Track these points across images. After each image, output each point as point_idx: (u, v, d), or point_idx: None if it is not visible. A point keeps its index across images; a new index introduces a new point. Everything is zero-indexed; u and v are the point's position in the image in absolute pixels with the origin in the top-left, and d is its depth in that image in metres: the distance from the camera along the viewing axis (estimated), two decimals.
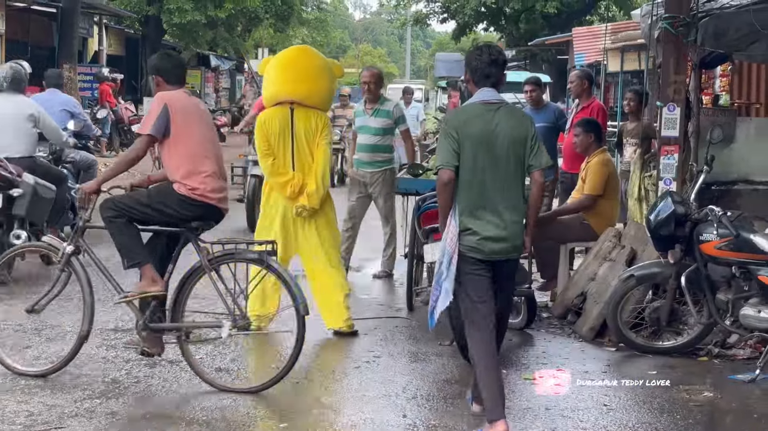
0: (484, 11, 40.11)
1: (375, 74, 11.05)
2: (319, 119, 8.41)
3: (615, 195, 10.07)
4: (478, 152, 6.04)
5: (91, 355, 7.51)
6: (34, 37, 30.78)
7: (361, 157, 11.04)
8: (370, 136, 10.96)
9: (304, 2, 46.26)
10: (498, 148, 6.05)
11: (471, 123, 6.11)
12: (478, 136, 6.05)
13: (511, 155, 6.08)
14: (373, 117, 10.95)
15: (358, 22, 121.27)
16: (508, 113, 6.21)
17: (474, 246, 6.05)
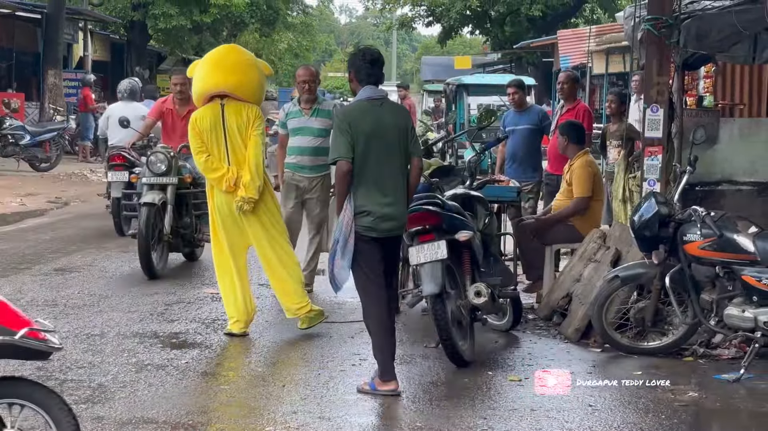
0: (469, 14, 40.15)
1: (314, 73, 10.22)
2: (250, 111, 8.49)
3: (600, 196, 10.11)
4: (371, 143, 6.89)
5: (77, 360, 7.50)
6: (19, 43, 30.69)
7: (299, 160, 10.05)
8: (311, 138, 10.00)
9: (290, 7, 46.20)
10: (388, 139, 6.95)
11: (362, 118, 6.96)
12: (369, 130, 6.91)
13: (398, 144, 6.99)
14: (314, 117, 10.00)
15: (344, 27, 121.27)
16: (391, 107, 7.25)
17: (369, 226, 6.90)
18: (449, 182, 9.13)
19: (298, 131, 10.08)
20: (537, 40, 34.02)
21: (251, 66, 8.64)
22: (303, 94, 10.09)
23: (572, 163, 10.02)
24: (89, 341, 8.10)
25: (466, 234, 7.75)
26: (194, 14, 36.07)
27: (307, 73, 10.10)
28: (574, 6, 38.86)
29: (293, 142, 10.10)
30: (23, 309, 8.89)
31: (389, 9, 45.96)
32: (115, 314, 9.11)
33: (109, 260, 11.98)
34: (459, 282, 7.84)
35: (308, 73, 10.13)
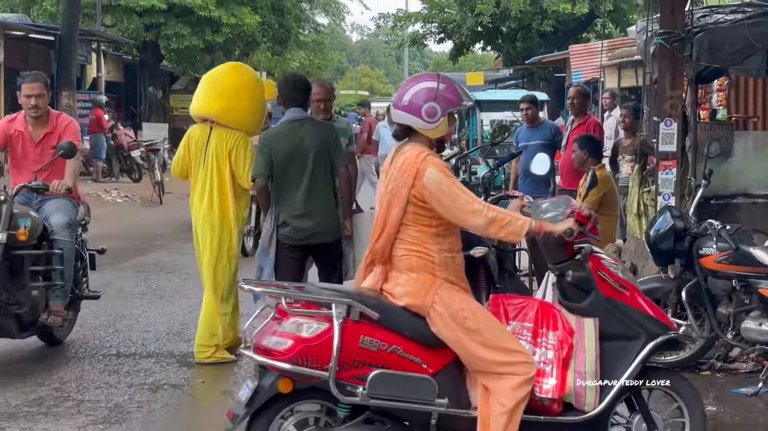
0: (481, 30, 40.20)
1: (329, 89, 9.03)
2: (233, 139, 8.30)
3: (614, 211, 10.08)
4: (288, 162, 7.56)
5: (93, 380, 7.52)
6: (33, 64, 30.76)
7: None
8: None
9: (301, 25, 46.35)
10: (306, 155, 7.57)
11: (280, 140, 7.65)
12: (286, 150, 7.57)
13: (316, 159, 7.59)
14: None
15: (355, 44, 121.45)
16: (313, 126, 7.79)
17: (288, 234, 7.56)
18: None
19: None
20: (549, 56, 34.03)
21: (242, 90, 8.40)
22: (318, 113, 8.79)
23: (587, 176, 10.01)
24: (106, 361, 8.11)
25: (481, 251, 7.74)
26: (206, 34, 36.22)
27: (323, 91, 8.88)
28: (585, 21, 38.88)
29: None
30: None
31: (401, 26, 46.08)
32: (132, 334, 9.13)
33: (124, 280, 12.01)
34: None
35: (323, 90, 8.90)
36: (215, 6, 35.66)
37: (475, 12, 37.86)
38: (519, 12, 36.91)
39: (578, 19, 37.82)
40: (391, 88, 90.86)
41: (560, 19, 37.45)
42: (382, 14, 46.84)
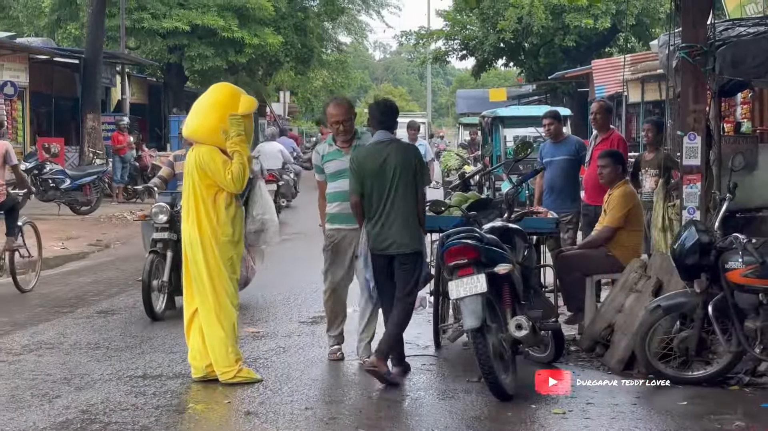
0: (503, 47, 40.24)
1: (347, 109, 8.89)
2: (202, 153, 8.29)
3: (638, 226, 10.04)
4: (373, 180, 8.19)
5: (120, 402, 7.53)
6: (58, 88, 31.12)
7: (344, 208, 8.72)
8: None
9: (324, 45, 46.53)
10: (387, 176, 8.16)
11: (366, 160, 8.28)
12: (371, 169, 8.21)
13: (398, 178, 8.17)
14: None
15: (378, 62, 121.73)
16: (398, 147, 8.38)
17: (373, 245, 8.24)
18: (487, 215, 9.10)
19: (340, 175, 8.77)
20: (571, 71, 34.03)
21: (213, 106, 8.38)
22: (338, 135, 8.84)
23: (611, 192, 9.99)
24: (132, 383, 8.12)
25: (506, 267, 7.74)
26: (229, 55, 36.44)
27: (340, 112, 8.77)
28: (608, 35, 38.84)
29: (336, 187, 8.82)
30: (66, 352, 9.00)
31: (423, 44, 46.13)
32: (157, 355, 9.15)
33: None
34: (499, 316, 7.81)
35: (341, 111, 8.78)
36: (238, 27, 35.88)
37: (498, 28, 37.90)
38: (541, 28, 36.94)
39: (600, 33, 37.79)
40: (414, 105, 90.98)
41: (582, 34, 37.44)
42: (405, 32, 46.70)
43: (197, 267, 8.22)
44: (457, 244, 7.73)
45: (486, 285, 7.56)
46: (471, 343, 7.66)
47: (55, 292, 12.82)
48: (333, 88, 57.36)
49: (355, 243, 8.67)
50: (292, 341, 9.86)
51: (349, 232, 8.72)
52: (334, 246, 8.86)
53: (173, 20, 34.84)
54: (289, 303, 12.03)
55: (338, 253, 8.86)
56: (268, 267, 13.14)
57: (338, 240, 8.83)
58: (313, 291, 12.09)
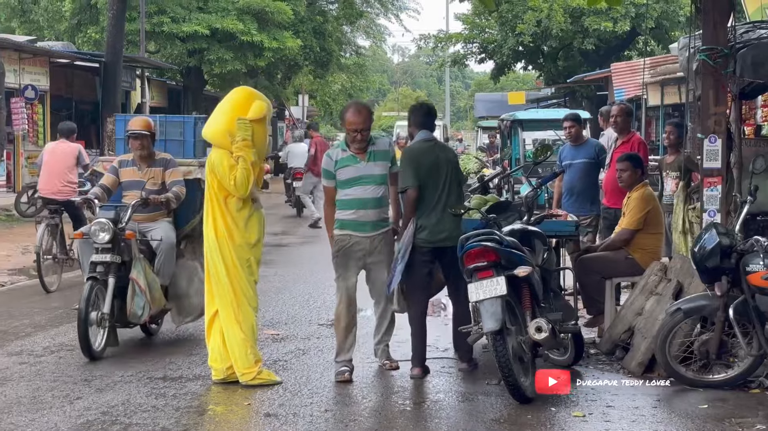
0: (522, 50, 40.17)
1: (367, 117, 8.55)
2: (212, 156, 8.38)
3: (658, 229, 9.99)
4: (428, 175, 8.52)
5: (140, 404, 7.55)
6: (78, 91, 31.25)
7: (361, 216, 8.48)
8: (374, 188, 8.50)
9: (343, 48, 46.58)
10: (441, 170, 8.59)
11: (423, 156, 8.59)
12: (429, 164, 8.55)
13: (448, 174, 8.62)
14: (372, 162, 8.53)
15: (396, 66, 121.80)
16: (441, 147, 9.02)
17: (425, 238, 8.46)
18: (507, 218, 9.09)
19: (356, 181, 8.48)
20: (591, 74, 33.94)
21: (226, 111, 8.39)
22: (353, 143, 8.51)
23: (630, 194, 9.96)
24: (152, 385, 8.14)
25: (525, 270, 7.73)
26: (249, 58, 36.51)
27: (360, 120, 8.46)
28: (627, 39, 38.74)
29: (350, 194, 8.50)
30: None
31: (442, 47, 46.11)
32: (178, 357, 9.17)
33: None
34: (519, 318, 7.81)
35: (360, 119, 8.46)
36: (257, 30, 35.95)
37: (516, 31, 37.85)
38: (560, 31, 36.87)
39: (620, 37, 37.70)
40: None
41: (602, 38, 37.36)
42: (423, 35, 46.63)
43: (216, 269, 8.24)
44: (477, 247, 7.73)
45: (506, 288, 7.56)
46: (490, 346, 7.65)
47: (77, 294, 12.80)
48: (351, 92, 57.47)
49: (367, 250, 8.46)
50: (311, 343, 9.87)
51: (361, 239, 8.46)
52: (345, 251, 8.48)
53: (193, 24, 34.95)
54: (309, 305, 12.05)
55: (349, 258, 8.48)
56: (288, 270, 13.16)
57: (348, 245, 8.47)
58: (332, 294, 12.08)
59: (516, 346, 7.65)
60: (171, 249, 9.67)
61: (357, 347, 8.74)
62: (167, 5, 35.33)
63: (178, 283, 9.81)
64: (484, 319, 7.59)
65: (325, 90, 55.06)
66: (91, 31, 36.03)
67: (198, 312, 9.50)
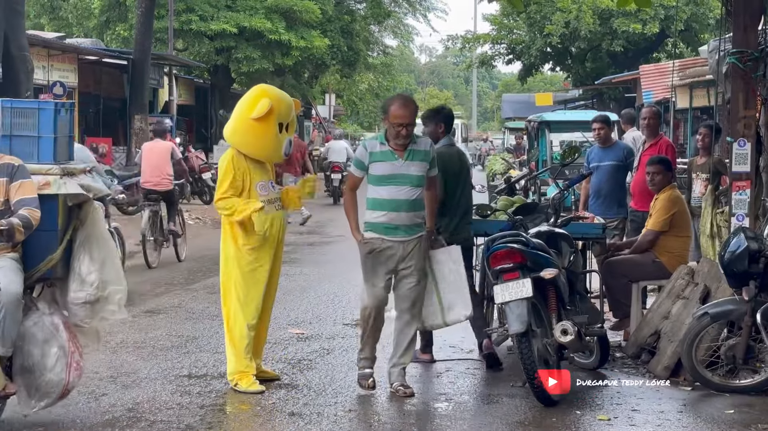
0: (550, 51, 40.11)
1: (415, 112, 7.99)
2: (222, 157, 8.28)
3: (685, 232, 9.95)
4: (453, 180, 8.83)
5: (166, 401, 7.58)
6: (106, 89, 31.39)
7: (393, 218, 7.84)
8: (409, 189, 7.84)
9: (370, 48, 46.59)
10: (458, 174, 8.93)
11: (449, 162, 8.78)
12: (452, 170, 8.82)
13: (466, 178, 9.05)
14: (409, 161, 7.88)
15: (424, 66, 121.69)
16: (460, 151, 9.34)
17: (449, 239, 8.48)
18: (533, 219, 9.09)
19: (390, 179, 7.85)
20: (619, 76, 33.83)
21: (235, 111, 8.23)
22: (397, 138, 7.85)
23: (658, 196, 9.93)
24: (177, 382, 8.17)
25: (551, 272, 7.72)
26: (276, 57, 36.56)
27: (407, 114, 7.83)
28: (656, 41, 38.61)
29: (383, 193, 7.86)
30: (113, 350, 9.09)
31: (469, 48, 46.09)
32: (203, 355, 9.20)
33: (195, 301, 12.12)
34: (545, 321, 7.79)
35: (408, 113, 7.84)
36: (285, 29, 35.99)
37: (544, 33, 37.79)
38: (588, 32, 36.79)
39: (649, 39, 37.59)
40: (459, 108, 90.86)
41: (630, 39, 37.25)
42: (451, 36, 46.73)
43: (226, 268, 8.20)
44: (503, 248, 7.73)
45: (532, 290, 7.55)
46: (516, 348, 7.65)
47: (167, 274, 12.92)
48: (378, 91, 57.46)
49: (399, 256, 7.85)
50: (336, 343, 9.89)
51: (394, 244, 7.84)
52: (375, 255, 7.87)
53: (221, 22, 35.02)
54: (333, 304, 12.07)
55: (378, 264, 7.88)
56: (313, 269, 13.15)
57: (380, 249, 7.86)
58: (357, 294, 12.11)
59: (541, 349, 7.65)
60: (15, 303, 6.55)
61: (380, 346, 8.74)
62: (195, 3, 35.44)
63: (27, 352, 6.82)
64: (509, 321, 7.59)
65: (352, 89, 55.09)
66: (119, 28, 36.19)
67: (58, 393, 6.91)
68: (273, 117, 7.96)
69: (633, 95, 32.11)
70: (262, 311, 8.17)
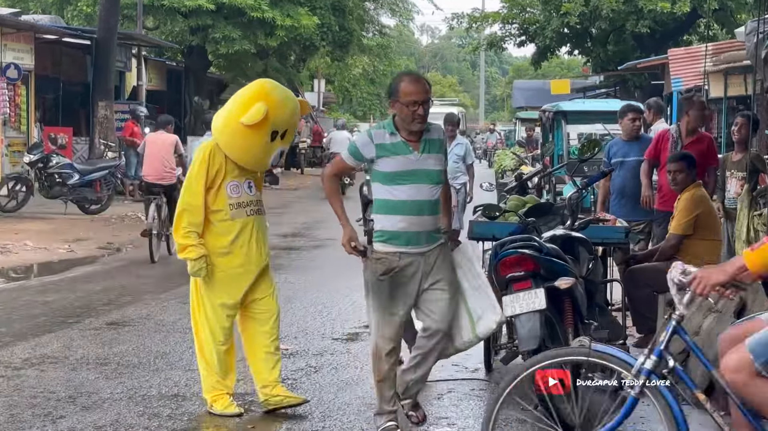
0: (567, 32, 40.10)
1: (429, 89, 7.30)
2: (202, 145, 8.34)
3: (713, 235, 9.93)
4: None
5: (132, 425, 7.57)
6: (67, 71, 31.37)
7: (413, 224, 7.11)
8: (430, 187, 7.21)
9: (365, 27, 46.62)
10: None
11: None
12: None
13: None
14: (426, 154, 7.23)
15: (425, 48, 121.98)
16: None
17: None
18: (547, 222, 9.10)
19: (407, 177, 7.16)
20: (645, 60, 33.86)
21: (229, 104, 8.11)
22: (413, 122, 7.14)
23: (681, 196, 9.94)
24: (145, 403, 8.17)
25: (568, 281, 7.71)
26: (259, 38, 36.55)
27: (420, 89, 7.16)
28: (686, 21, 38.64)
29: (399, 194, 7.15)
30: (72, 367, 9.09)
31: (476, 28, 46.06)
32: (174, 373, 9.20)
33: (166, 312, 12.12)
34: (560, 336, 7.78)
35: (420, 89, 7.17)
36: (269, 6, 35.98)
37: (561, 11, 37.76)
38: (611, 11, 36.77)
39: (679, 19, 37.58)
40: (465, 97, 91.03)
41: (658, 20, 37.23)
42: (456, 14, 46.36)
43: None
44: (514, 254, 7.72)
45: (545, 301, 7.53)
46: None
47: (61, 300, 12.93)
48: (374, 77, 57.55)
49: (423, 272, 7.17)
50: (324, 360, 9.88)
51: (415, 257, 7.12)
52: (394, 276, 7.10)
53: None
54: (322, 316, 12.06)
55: (398, 286, 7.12)
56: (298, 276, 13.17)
57: (400, 269, 7.09)
58: (348, 305, 12.12)
59: None
60: None
61: None
62: None
63: None
64: (519, 336, 7.58)
65: (344, 74, 55.19)
66: (82, 3, 36.20)
67: None
68: (267, 125, 7.78)
69: (660, 82, 32.14)
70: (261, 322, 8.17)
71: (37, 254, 17.21)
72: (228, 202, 7.90)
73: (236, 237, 7.95)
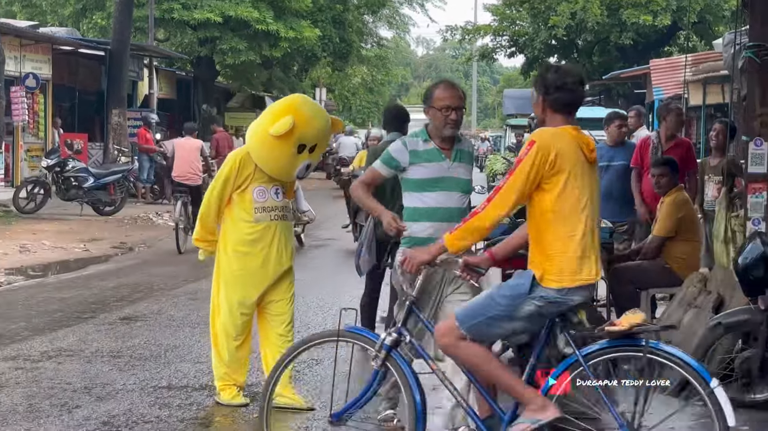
0: (555, 44, 40.16)
1: (463, 95, 7.07)
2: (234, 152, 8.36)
3: (694, 236, 9.93)
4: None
5: (143, 414, 7.56)
6: (82, 81, 31.36)
7: (436, 232, 6.55)
8: (459, 196, 6.95)
9: (364, 39, 46.61)
10: None
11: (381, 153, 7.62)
12: None
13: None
14: (457, 163, 6.93)
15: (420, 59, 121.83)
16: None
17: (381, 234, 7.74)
18: None
19: (438, 184, 6.87)
20: (628, 71, 33.87)
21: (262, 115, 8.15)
22: (445, 126, 6.86)
23: (664, 199, 9.93)
24: (156, 394, 8.16)
25: None
26: (263, 49, 36.55)
27: (455, 95, 6.90)
28: (667, 33, 38.66)
29: (429, 201, 6.84)
30: (87, 360, 9.07)
31: (469, 39, 46.09)
32: (184, 365, 9.18)
33: (176, 308, 12.10)
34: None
35: (457, 95, 6.92)
36: (273, 19, 35.99)
37: (549, 24, 37.84)
38: (596, 24, 36.83)
39: (660, 31, 37.63)
40: None
41: (640, 32, 37.29)
42: (450, 27, 46.50)
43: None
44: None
45: None
46: (516, 360, 7.62)
47: (76, 296, 12.91)
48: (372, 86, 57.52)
49: (446, 278, 6.73)
50: (325, 353, 9.85)
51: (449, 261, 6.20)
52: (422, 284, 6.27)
53: (205, 11, 35.02)
54: (323, 312, 12.04)
55: (424, 292, 6.47)
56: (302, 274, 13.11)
57: (427, 276, 6.33)
58: (349, 300, 12.09)
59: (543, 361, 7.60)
60: None
61: None
62: None
63: None
64: None
65: (344, 83, 55.12)
66: (96, 17, 36.18)
67: None
68: (293, 137, 7.70)
69: (643, 91, 32.15)
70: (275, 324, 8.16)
71: (54, 253, 17.19)
72: (253, 205, 7.92)
73: (257, 240, 7.95)
